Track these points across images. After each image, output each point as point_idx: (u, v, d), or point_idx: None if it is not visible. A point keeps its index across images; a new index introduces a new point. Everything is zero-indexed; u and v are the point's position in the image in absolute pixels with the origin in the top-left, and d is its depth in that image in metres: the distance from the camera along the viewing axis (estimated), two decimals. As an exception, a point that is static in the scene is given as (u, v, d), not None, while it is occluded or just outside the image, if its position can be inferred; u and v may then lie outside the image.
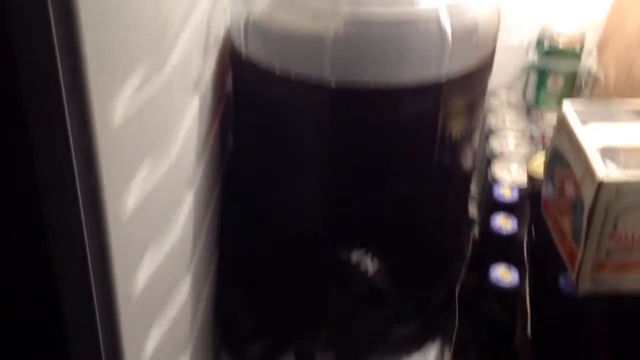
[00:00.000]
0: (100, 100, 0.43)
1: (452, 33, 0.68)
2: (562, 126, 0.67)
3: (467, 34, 0.72)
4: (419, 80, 0.70)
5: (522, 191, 0.76)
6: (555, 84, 0.96)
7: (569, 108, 0.66)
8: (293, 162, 0.76)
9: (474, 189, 0.90)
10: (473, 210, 0.92)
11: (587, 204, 0.60)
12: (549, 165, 0.70)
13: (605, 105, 0.68)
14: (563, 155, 0.66)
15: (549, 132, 0.91)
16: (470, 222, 0.88)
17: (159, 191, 0.55)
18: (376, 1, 0.68)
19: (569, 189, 0.65)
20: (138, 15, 0.49)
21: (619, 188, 0.58)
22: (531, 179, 0.75)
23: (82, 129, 0.43)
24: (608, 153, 0.61)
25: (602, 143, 0.62)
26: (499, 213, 0.72)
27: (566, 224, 0.65)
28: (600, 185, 0.58)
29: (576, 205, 0.63)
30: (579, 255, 0.60)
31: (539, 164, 0.76)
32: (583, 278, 0.61)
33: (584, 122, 0.65)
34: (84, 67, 0.41)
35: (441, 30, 0.68)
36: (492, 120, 0.92)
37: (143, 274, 0.53)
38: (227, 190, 0.81)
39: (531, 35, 0.99)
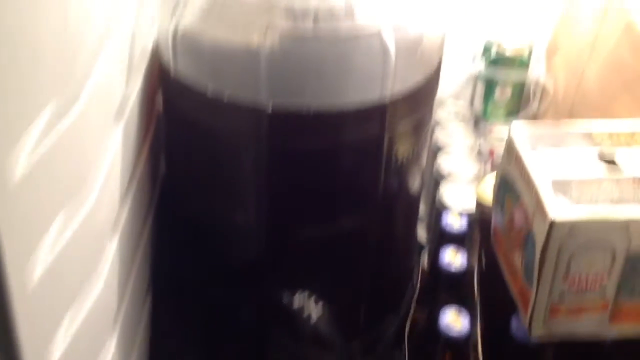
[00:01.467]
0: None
1: (396, 49, 0.64)
2: (511, 152, 0.63)
3: (412, 49, 0.67)
4: (362, 102, 0.65)
5: (471, 217, 0.73)
6: (503, 94, 0.93)
7: (518, 132, 0.62)
8: (228, 190, 0.70)
9: (422, 209, 0.87)
10: (422, 233, 0.88)
11: (539, 242, 0.57)
12: (498, 191, 0.67)
13: (555, 127, 0.64)
14: (513, 183, 0.63)
15: (498, 147, 0.88)
16: (419, 248, 0.84)
17: (75, 247, 0.49)
18: (314, 15, 0.63)
19: (520, 221, 0.61)
20: (36, 45, 0.42)
21: (573, 227, 0.55)
22: (480, 204, 0.72)
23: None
24: (560, 185, 0.58)
25: (553, 173, 0.58)
26: (448, 246, 0.68)
27: (517, 259, 0.61)
28: (553, 225, 0.55)
29: (527, 241, 0.59)
30: (532, 299, 0.57)
31: (487, 187, 0.72)
32: (536, 323, 0.57)
33: (533, 147, 0.62)
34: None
35: (383, 47, 0.64)
36: (440, 135, 0.88)
37: (59, 343, 0.47)
38: (160, 221, 0.75)
39: (477, 43, 0.95)
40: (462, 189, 0.81)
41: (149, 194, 0.72)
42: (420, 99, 0.71)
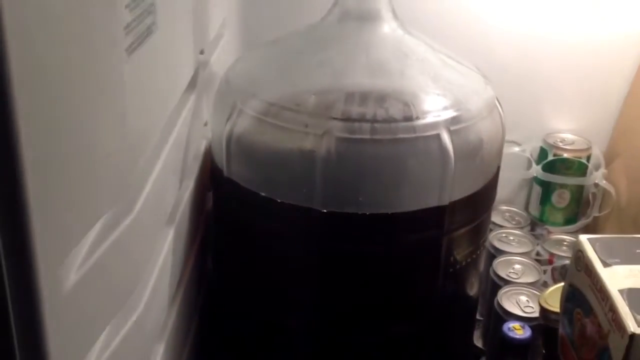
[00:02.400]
0: (48, 265, 0.36)
1: (455, 152, 0.62)
2: (580, 264, 0.60)
3: (472, 153, 0.66)
4: (419, 205, 0.63)
5: (531, 324, 0.69)
6: (561, 198, 0.90)
7: (588, 246, 0.59)
8: (278, 293, 0.68)
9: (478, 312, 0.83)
10: (477, 336, 0.84)
11: (617, 358, 0.52)
12: (566, 302, 0.63)
13: (627, 241, 0.61)
14: (583, 296, 0.59)
15: (557, 253, 0.84)
16: (477, 356, 0.80)
17: (122, 355, 0.47)
18: (371, 119, 0.62)
19: (592, 335, 0.57)
20: (93, 160, 0.41)
21: (654, 343, 0.51)
22: (544, 313, 0.68)
23: (26, 300, 0.35)
24: (636, 302, 0.54)
25: (629, 289, 0.55)
26: (511, 355, 0.64)
27: (590, 375, 0.57)
28: (633, 339, 0.51)
29: (602, 357, 0.55)
30: (611, 420, 0.52)
31: (552, 295, 0.68)
32: None
33: (605, 259, 0.58)
34: (29, 231, 0.34)
35: (442, 149, 0.62)
36: (495, 241, 0.85)
37: None
38: (205, 322, 0.72)
39: (533, 144, 0.93)
40: (521, 295, 0.77)
41: (195, 295, 0.70)
42: (479, 204, 0.68)
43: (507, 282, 0.79)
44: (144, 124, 0.50)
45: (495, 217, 0.90)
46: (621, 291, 0.54)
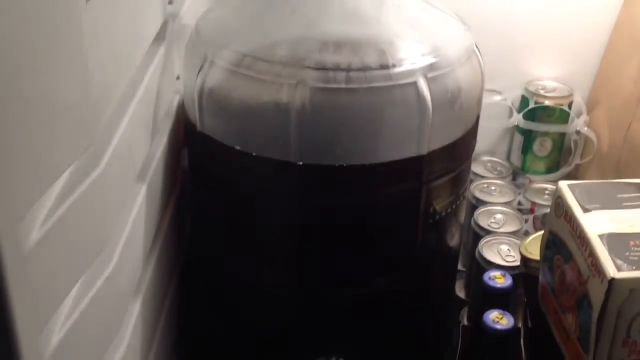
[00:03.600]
0: (7, 221, 0.35)
1: (433, 100, 0.61)
2: (560, 211, 0.59)
3: (450, 102, 0.64)
4: (397, 155, 0.62)
5: (513, 274, 0.68)
6: (542, 146, 0.89)
7: (567, 192, 0.58)
8: (257, 248, 0.67)
9: (460, 263, 0.82)
10: (460, 287, 0.84)
11: (596, 304, 0.52)
12: (546, 249, 0.62)
13: (607, 187, 0.60)
14: (563, 242, 0.58)
15: (539, 201, 0.83)
16: (459, 306, 0.80)
17: (95, 312, 0.46)
18: (346, 68, 0.60)
19: (572, 281, 0.57)
20: (55, 112, 0.39)
21: (633, 287, 0.51)
22: (525, 261, 0.67)
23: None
24: (615, 243, 0.53)
25: (608, 231, 0.54)
26: (492, 304, 0.64)
27: (570, 321, 0.57)
28: (612, 284, 0.50)
29: (582, 303, 0.55)
30: (589, 365, 0.52)
31: (532, 243, 0.68)
32: (595, 392, 0.52)
33: (584, 204, 0.58)
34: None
35: (420, 97, 0.61)
36: (477, 191, 0.84)
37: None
38: (185, 281, 0.71)
39: (514, 92, 0.92)
40: (502, 245, 0.77)
41: (173, 253, 0.69)
42: (458, 153, 0.67)
43: (488, 232, 0.79)
44: (108, 76, 0.48)
45: (476, 168, 0.89)
46: (601, 236, 0.54)
